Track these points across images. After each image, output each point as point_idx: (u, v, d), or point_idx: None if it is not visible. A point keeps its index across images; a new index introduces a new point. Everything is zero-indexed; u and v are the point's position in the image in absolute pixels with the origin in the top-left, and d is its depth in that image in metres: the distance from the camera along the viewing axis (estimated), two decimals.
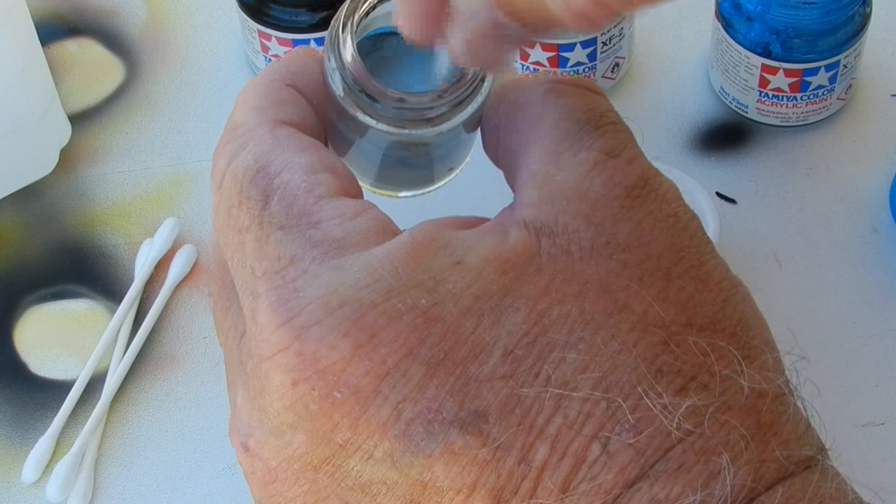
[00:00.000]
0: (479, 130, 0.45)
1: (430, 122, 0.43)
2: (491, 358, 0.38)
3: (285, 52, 0.56)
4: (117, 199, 0.68)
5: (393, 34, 0.45)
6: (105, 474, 0.60)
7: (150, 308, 0.64)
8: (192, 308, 0.64)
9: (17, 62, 0.64)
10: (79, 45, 0.74)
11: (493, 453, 0.38)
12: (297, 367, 0.39)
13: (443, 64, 0.43)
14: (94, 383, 0.62)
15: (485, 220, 0.42)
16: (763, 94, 0.67)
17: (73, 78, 0.73)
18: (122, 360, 0.63)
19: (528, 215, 0.41)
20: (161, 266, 0.65)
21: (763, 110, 0.68)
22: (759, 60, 0.66)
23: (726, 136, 0.69)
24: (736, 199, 0.67)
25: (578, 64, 0.67)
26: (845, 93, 0.68)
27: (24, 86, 0.65)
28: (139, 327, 0.63)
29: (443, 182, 0.48)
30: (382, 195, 0.48)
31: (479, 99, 0.43)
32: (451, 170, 0.47)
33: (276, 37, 0.68)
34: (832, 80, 0.66)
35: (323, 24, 0.67)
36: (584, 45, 0.66)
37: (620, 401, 0.38)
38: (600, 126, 0.42)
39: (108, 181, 0.69)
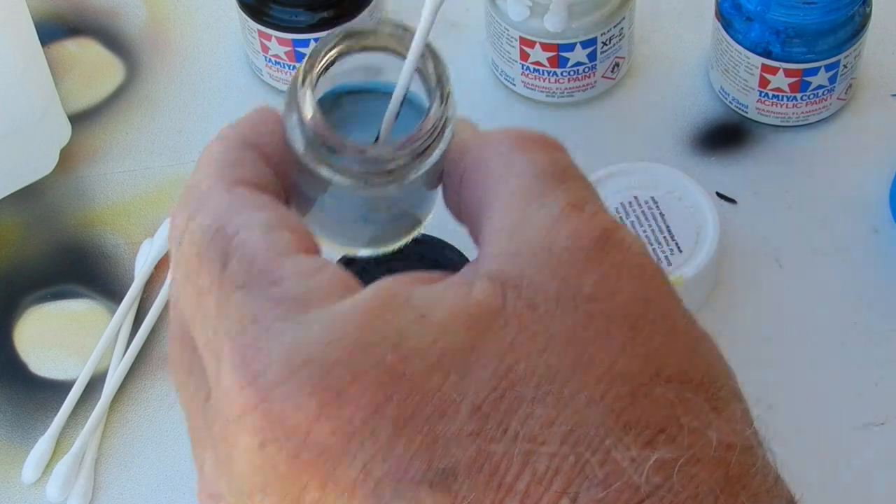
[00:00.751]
0: (440, 187, 0.46)
1: (391, 173, 0.43)
2: (459, 414, 0.38)
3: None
4: (117, 199, 0.68)
5: (352, 93, 0.45)
6: (105, 474, 0.60)
7: (150, 308, 0.64)
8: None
9: (17, 62, 0.64)
10: (79, 45, 0.74)
11: None
12: (263, 429, 0.39)
13: (394, 107, 0.44)
14: (94, 383, 0.62)
15: (448, 274, 0.42)
16: (763, 94, 0.67)
17: (73, 78, 0.73)
18: (122, 360, 0.63)
19: (494, 269, 0.41)
20: (161, 266, 0.65)
21: (763, 110, 0.68)
22: (759, 60, 0.66)
23: (726, 136, 0.69)
24: (736, 199, 0.67)
25: (578, 64, 0.67)
26: (845, 93, 0.68)
27: (24, 86, 0.65)
28: (139, 327, 0.64)
29: (406, 239, 0.48)
30: (344, 254, 0.48)
31: (441, 148, 0.44)
32: (418, 222, 0.48)
33: (276, 37, 0.68)
34: (832, 80, 0.66)
35: (322, 25, 0.67)
36: (584, 45, 0.67)
37: (588, 455, 0.38)
38: (565, 181, 0.43)
39: (108, 181, 0.69)
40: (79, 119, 0.71)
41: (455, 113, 0.44)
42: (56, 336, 0.64)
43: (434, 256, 0.63)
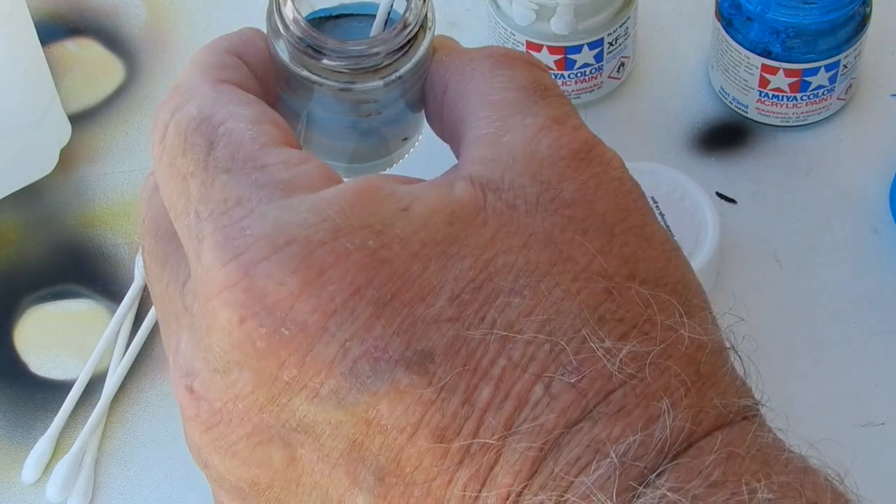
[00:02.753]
0: (423, 112, 0.46)
1: (376, 73, 0.44)
2: (438, 301, 0.39)
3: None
4: (117, 199, 0.68)
5: (329, 18, 0.47)
6: (105, 474, 0.60)
7: (150, 308, 0.64)
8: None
9: (17, 62, 0.64)
10: (79, 45, 0.74)
11: (438, 393, 0.38)
12: (244, 304, 0.39)
13: (381, 20, 0.45)
14: (94, 383, 0.62)
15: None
16: (763, 94, 0.67)
17: (73, 78, 0.73)
18: (122, 360, 0.63)
19: (475, 171, 0.41)
20: None
21: (763, 110, 0.68)
22: (759, 60, 0.66)
23: (726, 136, 0.69)
24: (736, 199, 0.67)
25: (586, 66, 0.67)
26: (845, 93, 0.68)
27: (24, 86, 0.65)
28: (139, 327, 0.64)
29: (397, 153, 0.49)
30: None
31: (421, 50, 0.45)
32: (404, 140, 0.48)
33: None
34: (832, 80, 0.66)
35: None
36: (591, 46, 0.66)
37: (564, 343, 0.38)
38: (547, 96, 0.43)
39: (108, 181, 0.69)
40: (79, 119, 0.71)
41: (435, 20, 0.45)
42: (56, 336, 0.64)
43: None
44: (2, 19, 0.63)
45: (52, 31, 0.74)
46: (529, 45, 0.67)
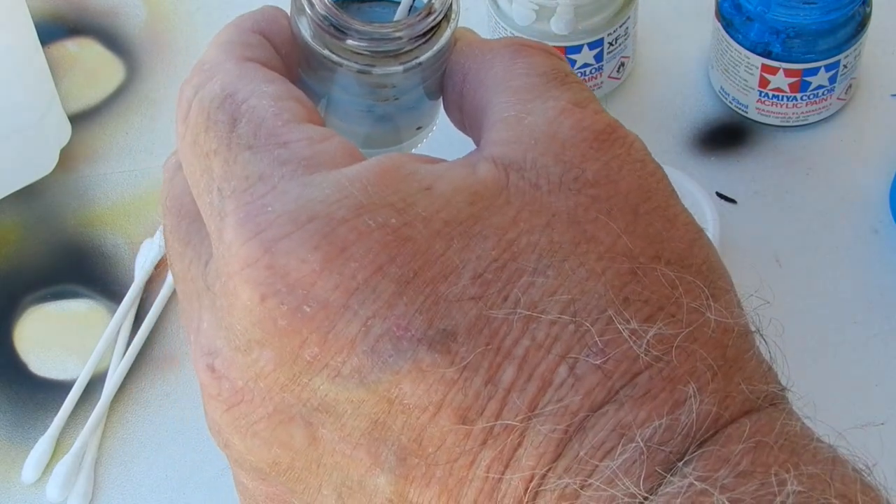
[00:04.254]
0: (441, 100, 0.47)
1: (396, 57, 0.44)
2: (460, 280, 0.38)
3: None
4: (117, 199, 0.68)
5: (353, 1, 0.47)
6: (105, 474, 0.60)
7: (150, 308, 0.64)
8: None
9: (17, 62, 0.64)
10: (79, 45, 0.74)
11: (461, 372, 0.38)
12: (265, 281, 0.38)
13: (406, 6, 0.45)
14: (94, 383, 0.62)
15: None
16: (763, 94, 0.67)
17: (73, 78, 0.73)
18: (122, 360, 0.63)
19: (497, 152, 0.41)
20: (161, 266, 0.65)
21: (763, 110, 0.68)
22: (759, 60, 0.66)
23: (726, 136, 0.69)
24: (736, 199, 0.67)
25: (586, 65, 0.67)
26: (845, 93, 0.68)
27: (24, 86, 0.65)
28: (139, 327, 0.64)
29: (410, 142, 0.49)
30: None
31: (443, 39, 0.45)
32: (418, 129, 0.48)
33: None
34: (832, 80, 0.66)
35: None
36: (591, 46, 0.66)
37: (588, 324, 0.38)
38: (567, 82, 0.43)
39: (108, 181, 0.69)
40: (79, 119, 0.71)
41: (459, 11, 0.45)
42: (56, 336, 0.64)
43: None
44: (2, 19, 0.63)
45: (52, 31, 0.74)
46: None
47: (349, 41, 0.44)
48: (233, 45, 0.44)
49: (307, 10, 0.44)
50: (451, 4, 0.45)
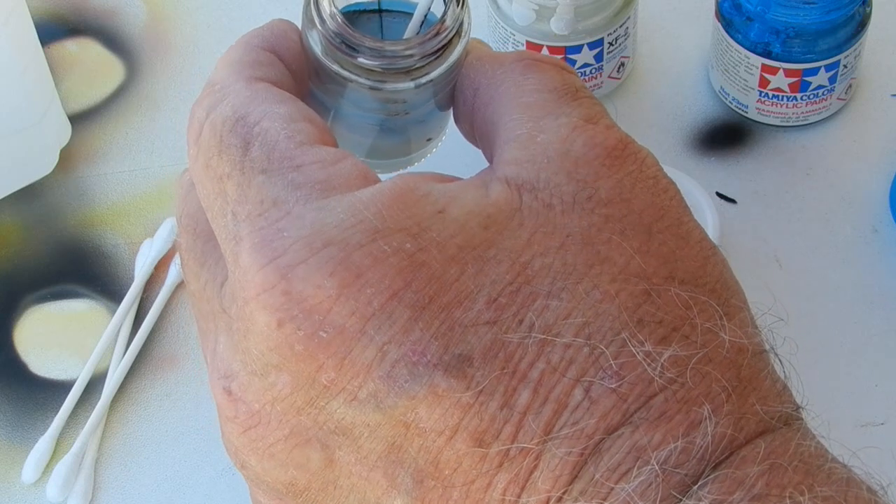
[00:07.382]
0: (451, 112, 0.46)
1: (408, 74, 0.44)
2: (475, 304, 0.38)
3: None
4: (117, 199, 0.68)
5: (363, 12, 0.47)
6: (105, 474, 0.60)
7: (150, 308, 0.64)
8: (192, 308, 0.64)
9: (17, 62, 0.64)
10: (79, 45, 0.74)
11: (477, 397, 0.38)
12: (282, 307, 0.39)
13: (417, 21, 0.45)
14: (94, 383, 0.62)
15: (462, 179, 0.43)
16: (763, 94, 0.67)
17: (73, 78, 0.73)
18: (122, 360, 0.63)
19: (510, 172, 0.41)
20: (161, 266, 0.65)
21: (763, 110, 0.68)
22: (759, 60, 0.66)
23: (726, 136, 0.69)
24: (736, 199, 0.67)
25: (586, 66, 0.67)
26: (845, 93, 0.68)
27: (24, 86, 0.65)
28: (139, 327, 0.64)
29: (419, 153, 0.49)
30: None
31: (454, 56, 0.45)
32: (428, 140, 0.48)
33: None
34: (832, 80, 0.66)
35: None
36: (591, 46, 0.66)
37: (603, 347, 0.38)
38: (578, 98, 0.43)
39: (108, 181, 0.69)
40: (79, 119, 0.71)
41: (470, 26, 0.45)
42: (56, 336, 0.64)
43: None
44: (2, 19, 0.63)
45: (52, 31, 0.74)
46: (529, 45, 0.67)
47: (360, 59, 0.44)
48: (242, 65, 0.44)
49: (318, 25, 0.44)
50: (462, 20, 0.44)
